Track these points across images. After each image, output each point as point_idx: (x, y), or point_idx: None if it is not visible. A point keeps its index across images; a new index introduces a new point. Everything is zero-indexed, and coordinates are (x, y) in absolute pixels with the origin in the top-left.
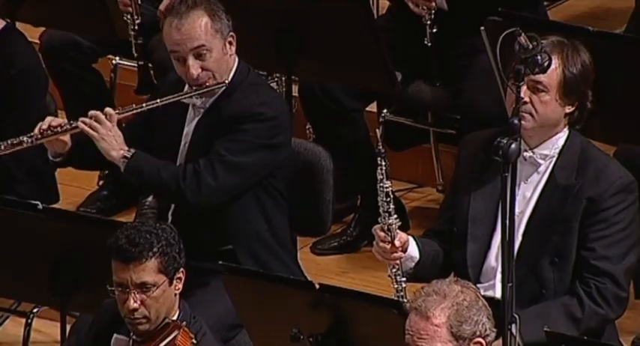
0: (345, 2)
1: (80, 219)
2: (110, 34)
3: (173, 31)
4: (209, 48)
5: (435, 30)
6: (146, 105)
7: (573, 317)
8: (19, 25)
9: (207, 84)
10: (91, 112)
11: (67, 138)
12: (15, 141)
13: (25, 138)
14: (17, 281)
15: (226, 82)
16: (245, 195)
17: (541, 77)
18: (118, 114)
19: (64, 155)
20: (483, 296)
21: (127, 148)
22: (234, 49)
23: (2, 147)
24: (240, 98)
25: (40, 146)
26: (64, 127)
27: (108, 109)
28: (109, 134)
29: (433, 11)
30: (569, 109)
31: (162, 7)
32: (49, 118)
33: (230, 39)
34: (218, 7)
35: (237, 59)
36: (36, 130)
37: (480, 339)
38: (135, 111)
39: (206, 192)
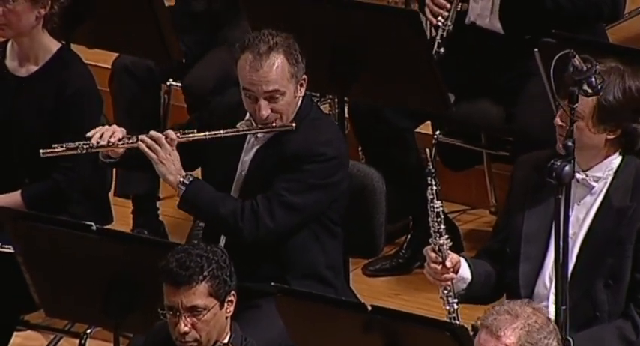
0: (398, 24)
1: (134, 240)
2: (164, 57)
3: (250, 70)
4: (282, 92)
5: (442, 50)
6: (208, 135)
7: (627, 340)
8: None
9: (274, 124)
10: (153, 133)
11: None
12: (71, 146)
13: (81, 144)
14: (71, 302)
15: (293, 126)
16: (303, 232)
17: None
18: (179, 137)
19: (115, 158)
20: None
21: (184, 173)
22: (304, 90)
23: (58, 149)
24: (302, 135)
25: (94, 167)
26: (122, 142)
27: (170, 132)
28: (167, 158)
29: (449, 24)
30: (610, 135)
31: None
32: (109, 131)
33: (302, 81)
34: (296, 49)
35: None
36: (93, 140)
37: None
38: (195, 138)
39: (263, 233)
